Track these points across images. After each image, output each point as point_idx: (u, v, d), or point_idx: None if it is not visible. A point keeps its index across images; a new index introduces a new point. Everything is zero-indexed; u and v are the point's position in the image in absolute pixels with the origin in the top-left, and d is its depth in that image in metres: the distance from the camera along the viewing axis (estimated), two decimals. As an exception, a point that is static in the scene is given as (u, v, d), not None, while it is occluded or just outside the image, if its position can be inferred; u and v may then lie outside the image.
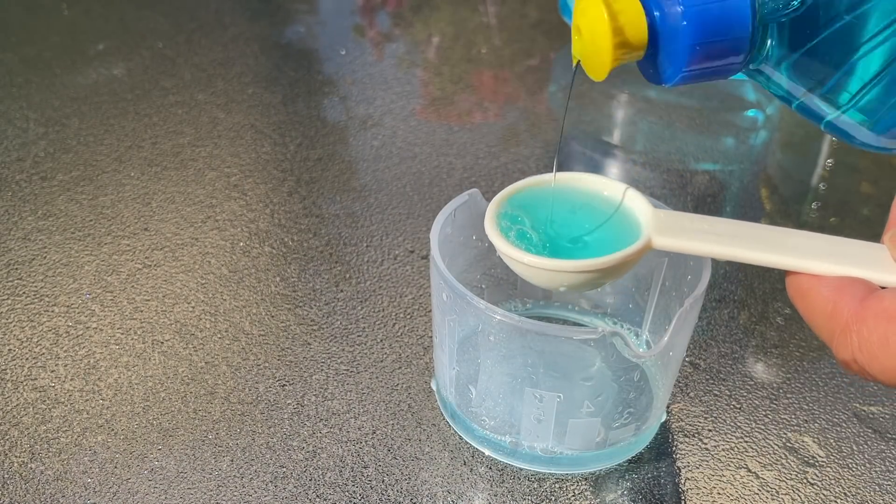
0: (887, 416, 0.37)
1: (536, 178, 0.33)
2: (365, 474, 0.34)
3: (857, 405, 0.38)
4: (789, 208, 0.51)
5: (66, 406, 0.37)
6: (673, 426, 0.37)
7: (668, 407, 0.37)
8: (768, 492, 0.34)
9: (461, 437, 0.36)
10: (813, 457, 0.36)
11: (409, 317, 0.42)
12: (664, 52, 0.28)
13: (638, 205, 0.31)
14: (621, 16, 0.27)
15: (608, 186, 0.32)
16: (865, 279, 0.26)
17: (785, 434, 0.37)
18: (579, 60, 0.29)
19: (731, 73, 0.28)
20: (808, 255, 0.27)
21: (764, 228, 0.28)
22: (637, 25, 0.27)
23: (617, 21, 0.27)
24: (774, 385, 0.39)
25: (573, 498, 0.34)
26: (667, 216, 0.30)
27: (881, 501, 0.34)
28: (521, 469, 0.35)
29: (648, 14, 0.27)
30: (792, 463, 0.35)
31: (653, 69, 0.28)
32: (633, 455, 0.35)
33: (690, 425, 0.37)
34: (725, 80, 0.29)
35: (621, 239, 0.30)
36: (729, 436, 0.36)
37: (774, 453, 0.36)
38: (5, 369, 0.38)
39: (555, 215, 0.32)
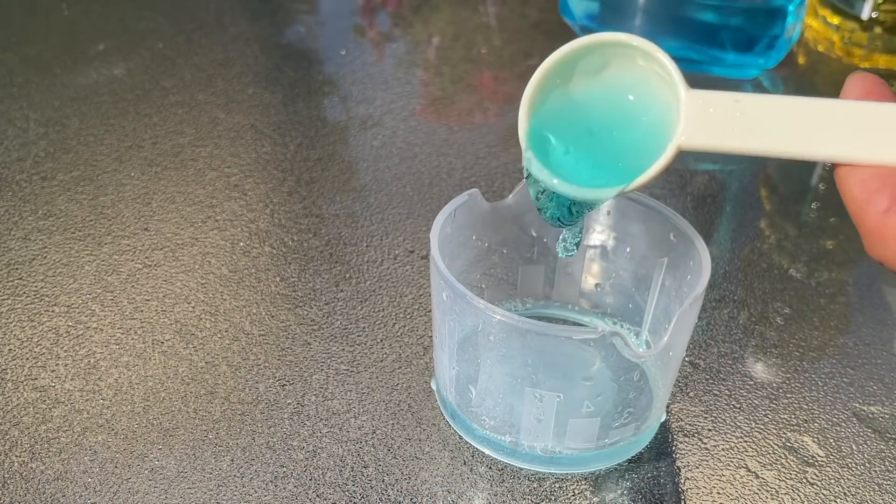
0: (887, 416, 0.37)
1: (592, 39, 0.30)
2: (365, 474, 0.34)
3: (857, 405, 0.38)
4: (789, 208, 0.51)
5: (66, 406, 0.37)
6: (673, 426, 0.37)
7: (667, 407, 0.37)
8: (768, 491, 0.34)
9: (461, 437, 0.36)
10: (813, 456, 0.36)
11: (409, 317, 0.42)
12: None
13: (667, 86, 0.28)
14: None
15: (637, 62, 0.29)
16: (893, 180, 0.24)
17: (784, 434, 0.37)
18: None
19: None
20: (841, 145, 0.25)
21: (810, 103, 0.26)
22: None
23: None
24: (774, 385, 0.39)
25: (573, 498, 0.34)
26: (700, 102, 0.27)
27: (881, 501, 0.34)
28: (520, 469, 0.35)
29: None
30: (791, 463, 0.35)
31: None
32: (633, 455, 0.35)
33: (690, 425, 0.37)
34: (726, 80, 0.28)
35: (651, 140, 0.28)
36: (729, 435, 0.36)
37: (774, 453, 0.36)
38: (6, 369, 0.38)
39: (582, 120, 0.30)
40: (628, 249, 0.39)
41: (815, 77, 0.63)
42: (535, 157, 0.30)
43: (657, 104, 0.29)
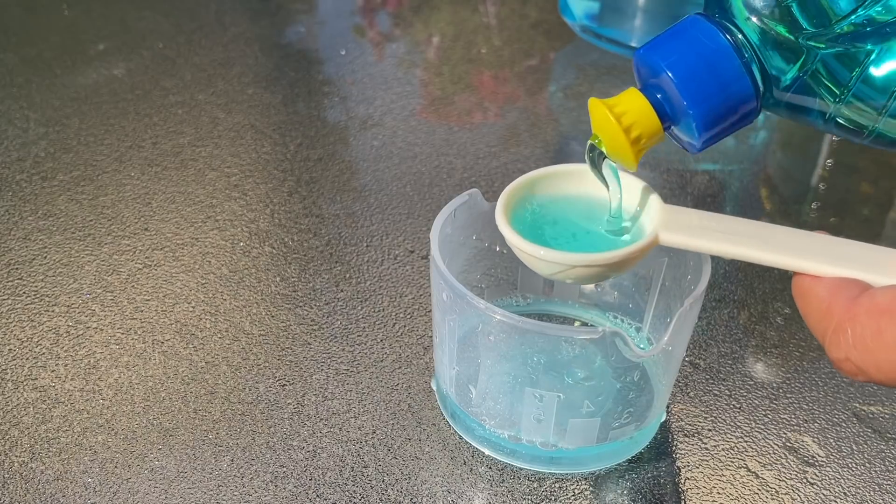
0: (887, 416, 0.37)
1: (547, 169, 0.33)
2: (365, 474, 0.34)
3: (857, 405, 0.38)
4: (789, 208, 0.51)
5: (66, 406, 0.37)
6: (673, 426, 0.37)
7: (667, 406, 0.37)
8: (768, 491, 0.34)
9: (461, 437, 0.36)
10: (813, 456, 0.36)
11: (409, 317, 0.42)
12: (683, 129, 0.28)
13: (646, 200, 0.31)
14: (626, 116, 0.28)
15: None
16: (861, 280, 0.26)
17: (785, 434, 0.37)
18: (604, 158, 0.30)
19: (751, 122, 0.28)
20: (808, 256, 0.27)
21: (769, 228, 0.29)
22: (645, 119, 0.28)
23: (624, 122, 0.28)
24: (774, 385, 0.39)
25: (573, 498, 0.34)
26: (674, 212, 0.30)
27: (881, 501, 0.34)
28: (520, 469, 0.35)
29: (656, 102, 0.28)
30: (792, 463, 0.35)
31: (679, 139, 0.29)
32: (633, 455, 0.35)
33: (690, 425, 0.37)
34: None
35: (629, 234, 0.30)
36: (729, 435, 0.36)
37: (774, 453, 0.36)
38: (6, 369, 0.38)
39: (563, 210, 0.32)
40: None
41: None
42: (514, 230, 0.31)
43: (633, 213, 0.31)
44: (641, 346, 0.39)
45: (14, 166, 0.51)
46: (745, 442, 0.36)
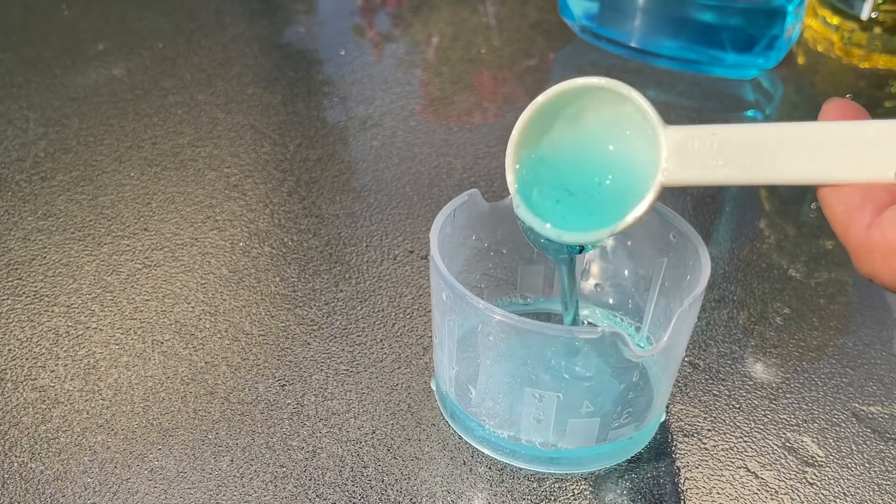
0: (886, 416, 0.37)
1: (544, 99, 0.31)
2: (364, 474, 0.34)
3: (857, 405, 0.38)
4: (788, 208, 0.51)
5: (65, 406, 0.37)
6: (672, 426, 0.37)
7: (667, 407, 0.38)
8: (767, 491, 0.34)
9: (461, 437, 0.36)
10: (812, 457, 0.36)
11: (408, 317, 0.42)
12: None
13: (645, 126, 0.29)
14: None
15: (617, 105, 0.30)
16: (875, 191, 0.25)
17: (784, 434, 0.37)
18: None
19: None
20: (821, 168, 0.25)
21: (789, 128, 0.26)
22: None
23: None
24: (773, 385, 0.39)
25: (572, 498, 0.34)
26: (678, 138, 0.27)
27: (880, 501, 0.34)
28: (520, 469, 0.35)
29: None
30: (791, 463, 0.35)
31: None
32: (633, 455, 0.35)
33: (690, 425, 0.37)
34: (725, 80, 0.29)
35: (634, 184, 0.29)
36: (728, 435, 0.36)
37: (774, 453, 0.36)
38: (5, 369, 0.38)
39: (551, 165, 0.31)
40: (628, 250, 0.39)
41: (814, 77, 0.63)
42: (524, 205, 0.31)
43: (637, 145, 0.29)
44: (641, 345, 0.39)
45: (13, 166, 0.51)
46: (745, 442, 0.36)
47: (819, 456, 0.36)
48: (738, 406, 0.38)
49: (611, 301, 0.40)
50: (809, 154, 0.25)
